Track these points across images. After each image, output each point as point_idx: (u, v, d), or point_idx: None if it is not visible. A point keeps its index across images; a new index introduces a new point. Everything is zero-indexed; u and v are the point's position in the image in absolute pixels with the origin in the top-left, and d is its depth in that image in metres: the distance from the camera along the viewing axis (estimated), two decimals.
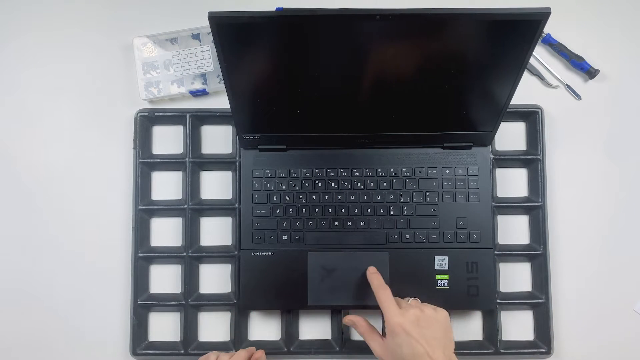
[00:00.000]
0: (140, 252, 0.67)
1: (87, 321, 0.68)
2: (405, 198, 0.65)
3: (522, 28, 0.47)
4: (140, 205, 0.67)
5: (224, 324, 0.68)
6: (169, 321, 0.68)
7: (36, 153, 0.70)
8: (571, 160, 0.69)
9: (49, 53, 0.71)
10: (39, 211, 0.69)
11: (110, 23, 0.71)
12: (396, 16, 0.45)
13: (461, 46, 0.50)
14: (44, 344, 0.68)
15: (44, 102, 0.70)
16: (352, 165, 0.66)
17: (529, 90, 0.70)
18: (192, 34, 0.69)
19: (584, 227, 0.69)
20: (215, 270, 0.69)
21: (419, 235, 0.65)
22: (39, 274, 0.68)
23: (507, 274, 0.68)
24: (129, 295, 0.67)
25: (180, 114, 0.68)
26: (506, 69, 0.52)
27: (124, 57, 0.70)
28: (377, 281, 0.58)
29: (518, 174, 0.70)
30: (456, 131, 0.63)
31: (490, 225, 0.65)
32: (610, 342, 0.67)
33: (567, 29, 0.70)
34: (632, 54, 0.70)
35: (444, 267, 0.64)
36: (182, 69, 0.68)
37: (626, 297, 0.68)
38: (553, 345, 0.66)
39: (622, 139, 0.70)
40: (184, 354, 0.66)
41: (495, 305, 0.65)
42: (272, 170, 0.66)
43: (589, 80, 0.70)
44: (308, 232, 0.65)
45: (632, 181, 0.69)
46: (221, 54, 0.49)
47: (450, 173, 0.65)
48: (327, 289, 0.64)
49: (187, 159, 0.68)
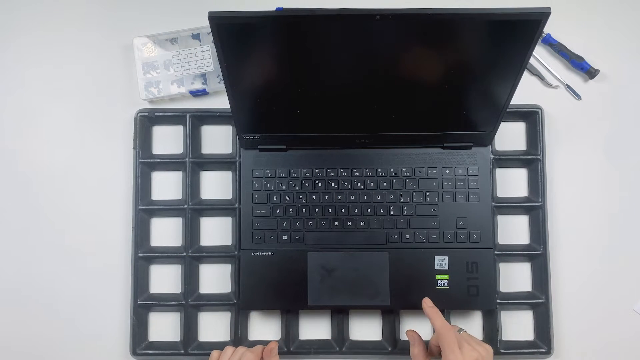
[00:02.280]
0: (140, 252, 0.67)
1: (87, 321, 0.68)
2: (405, 198, 0.65)
3: (522, 28, 0.47)
4: (140, 205, 0.67)
5: (224, 324, 0.68)
6: (169, 321, 0.68)
7: (36, 153, 0.70)
8: (571, 160, 0.69)
9: (49, 53, 0.71)
10: (39, 211, 0.69)
11: (110, 23, 0.71)
12: (396, 16, 0.45)
13: (461, 46, 0.50)
14: (44, 343, 0.68)
15: (44, 102, 0.70)
16: (352, 165, 0.66)
17: (529, 90, 0.70)
18: (192, 34, 0.69)
19: (584, 227, 0.69)
20: (215, 270, 0.69)
21: (419, 235, 0.65)
22: (39, 274, 0.68)
23: (507, 274, 0.68)
24: (129, 295, 0.67)
25: (180, 114, 0.68)
26: (506, 69, 0.52)
27: (124, 57, 0.70)
28: (440, 321, 0.57)
29: (518, 174, 0.70)
30: (456, 131, 0.63)
31: (490, 225, 0.65)
32: (610, 342, 0.67)
33: (567, 29, 0.70)
34: (632, 54, 0.70)
35: (444, 267, 0.64)
36: (182, 69, 0.68)
37: (626, 297, 0.68)
38: (553, 345, 0.66)
39: (622, 139, 0.70)
40: (184, 354, 0.66)
41: (495, 305, 0.65)
42: (272, 170, 0.66)
43: (589, 80, 0.70)
44: (308, 232, 0.65)
45: (632, 181, 0.69)
46: (221, 54, 0.49)
47: (450, 173, 0.65)
48: (327, 289, 0.64)
49: (187, 159, 0.68)
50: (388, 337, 0.66)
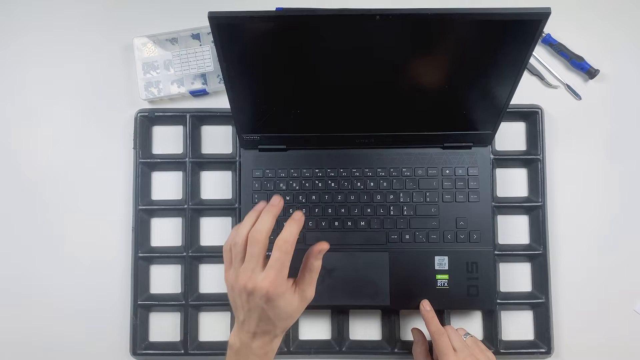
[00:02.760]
0: (140, 252, 0.67)
1: (87, 321, 0.68)
2: (405, 198, 0.65)
3: (522, 28, 0.47)
4: (140, 205, 0.67)
5: (224, 323, 0.68)
6: (169, 321, 0.68)
7: (36, 153, 0.70)
8: (571, 160, 0.69)
9: (48, 53, 0.71)
10: (39, 211, 0.69)
11: (110, 23, 0.71)
12: (396, 16, 0.45)
13: (461, 46, 0.50)
14: (44, 343, 0.68)
15: (44, 102, 0.70)
16: (352, 165, 0.65)
17: (529, 90, 0.70)
18: (192, 34, 0.69)
19: (584, 227, 0.69)
20: (216, 270, 0.69)
21: (419, 235, 0.65)
22: (39, 274, 0.68)
23: (507, 274, 0.68)
24: (129, 295, 0.67)
25: (180, 114, 0.68)
26: (506, 69, 0.52)
27: (124, 57, 0.70)
28: (434, 326, 0.58)
29: (518, 174, 0.70)
30: (456, 131, 0.63)
31: (490, 225, 0.65)
32: (610, 342, 0.67)
33: (567, 29, 0.70)
34: (632, 54, 0.70)
35: (444, 267, 0.64)
36: (182, 69, 0.68)
37: (626, 297, 0.68)
38: (553, 345, 0.66)
39: (622, 139, 0.70)
40: (184, 354, 0.66)
41: (495, 305, 0.65)
42: (272, 170, 0.65)
43: (589, 80, 0.70)
44: (308, 232, 0.65)
45: (632, 181, 0.69)
46: (221, 54, 0.49)
47: (450, 173, 0.65)
48: (327, 289, 0.64)
49: (187, 159, 0.68)
50: (388, 337, 0.66)
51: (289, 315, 0.48)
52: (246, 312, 0.47)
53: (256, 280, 0.45)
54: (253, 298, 0.45)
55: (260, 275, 0.45)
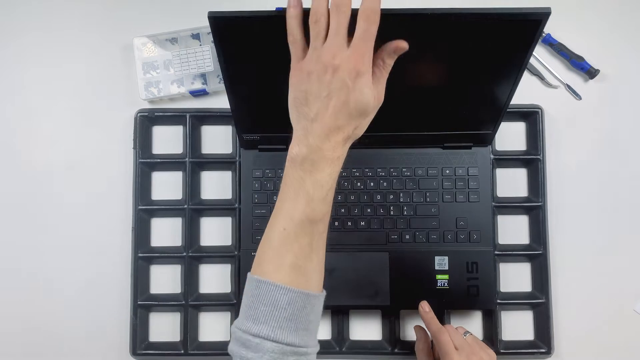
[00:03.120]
0: (140, 252, 0.67)
1: (87, 321, 0.68)
2: (405, 198, 0.65)
3: (522, 28, 0.47)
4: (140, 205, 0.67)
5: (224, 324, 0.68)
6: (169, 321, 0.68)
7: (36, 153, 0.70)
8: (571, 160, 0.69)
9: (48, 53, 0.71)
10: (39, 211, 0.69)
11: (110, 23, 0.71)
12: (395, 16, 0.45)
13: (461, 46, 0.50)
14: (44, 343, 0.68)
15: (44, 102, 0.70)
16: (352, 165, 0.65)
17: (529, 90, 0.70)
18: (192, 34, 0.69)
19: (584, 227, 0.69)
20: (215, 270, 0.69)
21: (419, 235, 0.65)
22: (38, 274, 0.68)
23: (507, 274, 0.68)
24: (129, 295, 0.67)
25: (180, 114, 0.68)
26: (506, 69, 0.52)
27: (124, 57, 0.70)
28: (435, 326, 0.59)
29: (518, 174, 0.70)
30: (456, 131, 0.63)
31: (490, 225, 0.65)
32: (611, 342, 0.67)
33: (567, 29, 0.70)
34: (632, 54, 0.70)
35: (444, 267, 0.64)
36: (182, 69, 0.68)
37: (626, 297, 0.68)
38: (553, 345, 0.66)
39: (622, 138, 0.70)
40: (184, 354, 0.66)
41: (495, 305, 0.65)
42: (272, 170, 0.65)
43: (589, 80, 0.70)
44: None
45: (632, 181, 0.69)
46: (221, 54, 0.49)
47: (451, 173, 0.65)
48: (327, 289, 0.63)
49: (187, 159, 0.68)
50: (388, 337, 0.66)
51: (365, 106, 0.42)
52: (323, 100, 0.42)
53: (343, 54, 0.40)
54: (338, 75, 0.40)
55: (347, 50, 0.40)
